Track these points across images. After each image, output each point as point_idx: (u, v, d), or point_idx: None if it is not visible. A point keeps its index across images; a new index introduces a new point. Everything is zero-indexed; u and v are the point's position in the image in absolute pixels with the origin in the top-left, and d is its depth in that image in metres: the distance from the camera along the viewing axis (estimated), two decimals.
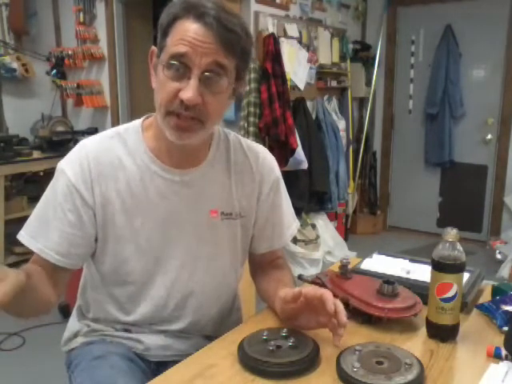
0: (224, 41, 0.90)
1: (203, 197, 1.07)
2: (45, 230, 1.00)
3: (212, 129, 1.03)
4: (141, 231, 1.04)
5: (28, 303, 0.92)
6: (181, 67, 0.91)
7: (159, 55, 0.95)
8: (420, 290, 1.11)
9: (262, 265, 1.24)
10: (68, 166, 1.01)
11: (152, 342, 1.11)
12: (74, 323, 1.19)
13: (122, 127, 1.09)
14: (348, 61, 4.35)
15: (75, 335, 1.16)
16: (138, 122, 1.08)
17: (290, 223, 1.22)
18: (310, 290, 0.97)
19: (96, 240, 1.05)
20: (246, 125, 3.29)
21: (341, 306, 0.92)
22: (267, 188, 1.15)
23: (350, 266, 1.19)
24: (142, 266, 1.06)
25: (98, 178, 1.01)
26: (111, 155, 1.03)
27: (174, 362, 0.97)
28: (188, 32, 0.89)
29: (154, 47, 0.98)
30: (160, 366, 1.09)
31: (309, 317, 0.98)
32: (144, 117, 1.10)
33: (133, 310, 1.09)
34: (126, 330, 1.12)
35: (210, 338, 1.14)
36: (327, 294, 0.94)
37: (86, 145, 1.04)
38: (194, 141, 0.98)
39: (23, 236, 1.01)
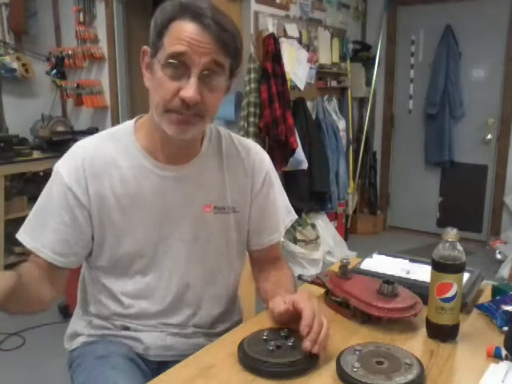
0: (221, 40, 0.92)
1: (197, 192, 1.09)
2: (41, 229, 1.02)
3: (209, 122, 1.05)
4: (137, 228, 1.06)
5: (17, 302, 0.92)
6: (180, 66, 0.92)
7: (154, 54, 0.96)
8: (420, 290, 1.11)
9: (261, 263, 1.24)
10: (62, 167, 1.03)
11: (152, 342, 1.11)
12: (76, 319, 1.20)
13: (114, 128, 1.11)
14: (348, 61, 4.35)
15: (77, 333, 1.16)
16: (130, 123, 1.09)
17: (285, 217, 1.22)
18: (295, 301, 0.97)
19: (92, 239, 1.06)
20: (245, 125, 3.29)
21: (315, 329, 0.91)
22: (260, 182, 1.16)
23: (350, 266, 1.19)
24: (139, 261, 1.08)
25: (92, 176, 1.02)
26: (105, 155, 1.04)
27: (175, 362, 0.97)
28: (185, 32, 0.91)
29: (145, 47, 0.99)
30: (161, 366, 1.10)
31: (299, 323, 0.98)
32: (136, 117, 1.11)
33: (132, 303, 1.10)
34: (125, 328, 1.12)
35: (209, 335, 1.15)
36: (306, 313, 0.93)
37: (79, 146, 1.07)
38: (194, 134, 1.00)
39: (21, 235, 1.03)
